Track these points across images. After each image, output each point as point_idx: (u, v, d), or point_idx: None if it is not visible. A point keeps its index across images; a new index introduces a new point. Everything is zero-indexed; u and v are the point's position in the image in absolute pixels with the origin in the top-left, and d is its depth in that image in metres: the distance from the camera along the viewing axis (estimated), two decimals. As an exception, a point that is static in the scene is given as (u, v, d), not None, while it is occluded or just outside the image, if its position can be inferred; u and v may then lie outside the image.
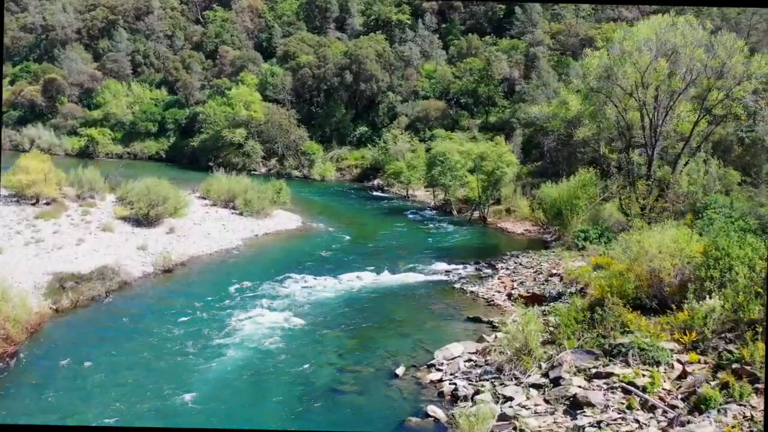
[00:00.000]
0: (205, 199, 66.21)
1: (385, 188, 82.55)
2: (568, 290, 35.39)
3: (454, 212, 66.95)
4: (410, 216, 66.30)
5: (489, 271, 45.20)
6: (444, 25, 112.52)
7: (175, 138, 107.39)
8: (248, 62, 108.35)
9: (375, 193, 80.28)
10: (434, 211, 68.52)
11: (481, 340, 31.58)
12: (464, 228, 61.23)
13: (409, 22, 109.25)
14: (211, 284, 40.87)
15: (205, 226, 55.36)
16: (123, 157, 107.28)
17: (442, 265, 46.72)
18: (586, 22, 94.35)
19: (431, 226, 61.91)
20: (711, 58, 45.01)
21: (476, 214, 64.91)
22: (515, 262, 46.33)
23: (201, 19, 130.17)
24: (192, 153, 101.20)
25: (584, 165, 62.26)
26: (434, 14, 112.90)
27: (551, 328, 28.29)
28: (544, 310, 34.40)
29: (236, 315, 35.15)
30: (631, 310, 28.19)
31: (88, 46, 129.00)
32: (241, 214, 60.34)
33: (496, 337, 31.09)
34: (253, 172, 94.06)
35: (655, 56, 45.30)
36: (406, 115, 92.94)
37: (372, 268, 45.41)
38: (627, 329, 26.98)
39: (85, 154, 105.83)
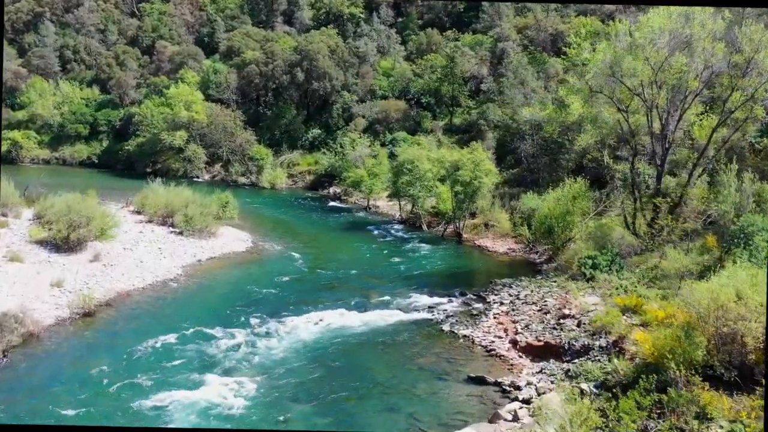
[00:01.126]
0: (139, 214, 57.74)
1: (343, 198, 74.83)
2: (596, 342, 28.06)
3: (424, 227, 59.58)
4: (375, 232, 58.66)
5: (480, 305, 37.85)
6: (400, 19, 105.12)
7: (108, 141, 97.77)
8: (188, 58, 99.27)
9: (332, 204, 72.44)
10: (401, 226, 60.95)
11: (495, 417, 24.11)
12: (439, 247, 53.86)
13: (362, 15, 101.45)
14: (141, 334, 32.51)
15: (137, 251, 46.82)
16: (51, 163, 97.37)
17: (422, 298, 39.21)
18: (557, 15, 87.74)
19: (401, 245, 54.39)
20: (734, 53, 38.31)
21: (449, 228, 57.57)
22: (510, 294, 39.04)
23: (136, 12, 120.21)
24: (127, 158, 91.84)
25: (568, 173, 55.60)
26: (390, 7, 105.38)
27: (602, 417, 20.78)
28: (569, 371, 27.14)
29: (169, 384, 27.01)
30: (701, 381, 21.15)
31: (13, 40, 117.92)
32: (181, 233, 51.93)
33: (515, 416, 23.68)
34: (195, 180, 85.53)
35: (672, 50, 38.39)
36: (364, 117, 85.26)
37: (338, 303, 37.77)
38: (705, 415, 19.82)
39: (7, 160, 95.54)
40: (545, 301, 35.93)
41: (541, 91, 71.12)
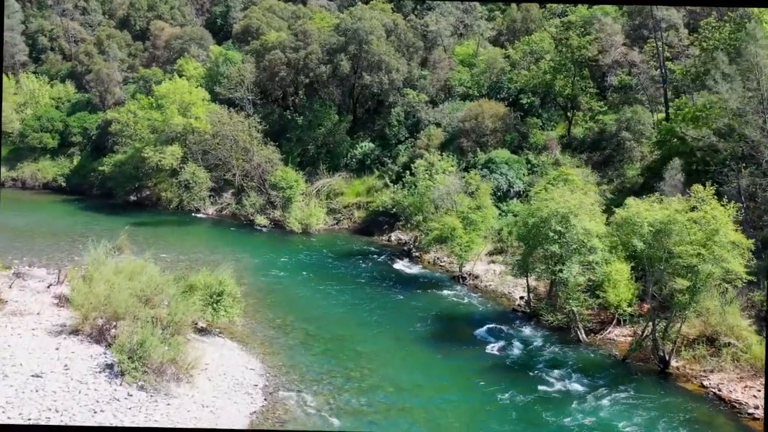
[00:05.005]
0: (64, 306, 32.22)
1: (416, 254, 47.94)
2: None
3: (581, 334, 32.39)
4: (494, 349, 31.71)
5: None
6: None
7: (81, 157, 71.74)
8: (191, 43, 72.89)
9: (401, 267, 45.50)
10: (532, 326, 34.12)
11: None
12: (634, 397, 27.13)
13: (427, -16, 74.27)
14: None
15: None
16: (5, 186, 71.57)
17: None
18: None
19: (551, 384, 27.73)
20: None
21: (619, 335, 30.63)
22: None
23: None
24: (103, 182, 65.83)
25: None
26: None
27: None
28: None
29: None
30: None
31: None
32: (122, 374, 25.54)
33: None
34: (195, 215, 59.45)
35: None
36: (439, 125, 58.11)
37: None
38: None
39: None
40: None
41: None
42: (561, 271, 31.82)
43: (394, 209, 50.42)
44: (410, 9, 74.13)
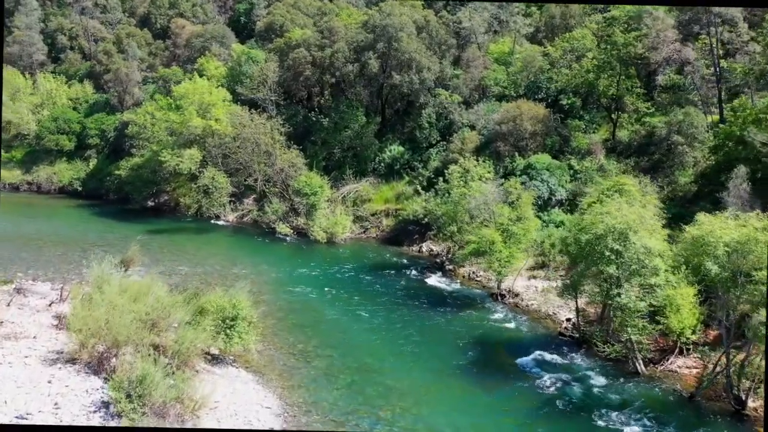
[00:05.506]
0: (63, 328, 29.44)
1: (449, 267, 44.35)
2: None
3: (639, 365, 28.58)
4: (547, 383, 27.95)
5: None
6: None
7: (97, 160, 69.01)
8: (212, 41, 69.83)
9: (434, 283, 41.89)
10: (581, 354, 30.48)
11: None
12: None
13: (460, -22, 70.58)
14: None
15: None
16: (20, 189, 69.28)
17: None
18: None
19: (612, 429, 23.93)
20: None
21: (683, 370, 26.97)
22: None
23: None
24: (119, 186, 63.00)
25: None
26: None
27: None
28: None
29: None
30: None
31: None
32: (119, 416, 22.30)
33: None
34: (215, 222, 56.43)
35: None
36: (473, 128, 54.43)
37: None
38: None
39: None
40: None
41: None
42: (618, 295, 28.02)
43: (426, 219, 46.77)
44: (442, 5, 70.52)
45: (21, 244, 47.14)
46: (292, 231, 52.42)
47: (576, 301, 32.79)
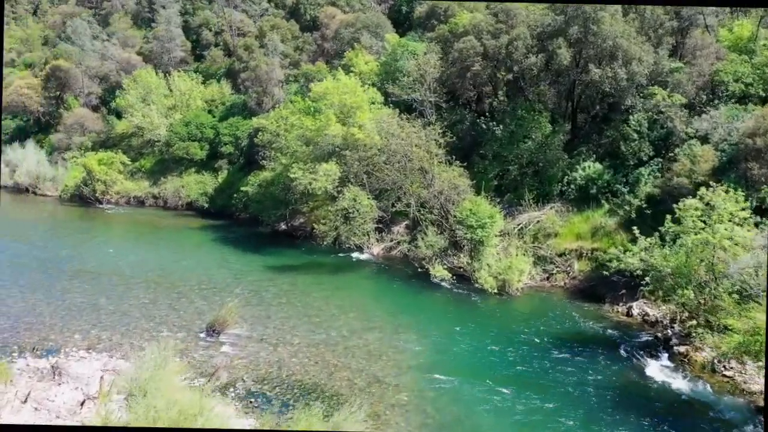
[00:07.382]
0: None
1: (675, 345, 29.80)
2: None
3: None
4: None
5: None
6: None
7: (228, 172, 59.34)
8: (362, 31, 58.24)
9: (655, 373, 27.56)
10: None
11: None
12: None
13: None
14: None
15: None
16: (146, 205, 60.95)
17: None
18: None
19: None
20: None
21: None
22: None
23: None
24: (247, 204, 52.83)
25: None
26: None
27: None
28: None
29: None
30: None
31: (139, 19, 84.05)
32: None
33: None
34: (357, 256, 44.85)
35: None
36: (705, 140, 39.15)
37: None
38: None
39: (86, 199, 60.70)
40: None
41: None
42: None
43: (647, 278, 32.12)
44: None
45: (105, 283, 37.32)
46: (450, 275, 39.39)
47: None
